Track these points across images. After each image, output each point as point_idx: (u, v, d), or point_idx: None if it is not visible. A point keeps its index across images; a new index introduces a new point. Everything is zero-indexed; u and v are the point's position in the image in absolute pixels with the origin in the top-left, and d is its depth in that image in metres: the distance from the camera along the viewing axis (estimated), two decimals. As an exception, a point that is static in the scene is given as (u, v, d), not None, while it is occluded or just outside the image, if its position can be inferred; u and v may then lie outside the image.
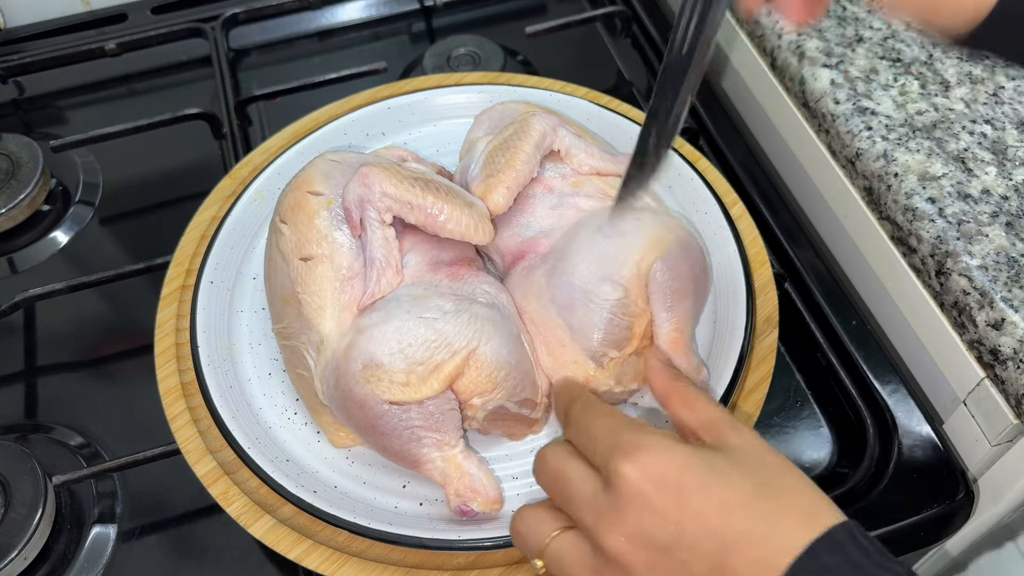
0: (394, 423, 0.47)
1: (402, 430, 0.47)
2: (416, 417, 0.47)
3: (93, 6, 0.90)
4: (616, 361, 0.51)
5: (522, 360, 0.50)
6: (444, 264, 0.53)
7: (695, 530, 0.35)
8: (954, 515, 0.55)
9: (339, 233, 0.52)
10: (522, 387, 0.50)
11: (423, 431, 0.48)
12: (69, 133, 0.77)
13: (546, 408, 0.52)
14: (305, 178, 0.55)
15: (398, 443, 0.48)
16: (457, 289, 0.51)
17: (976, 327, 0.54)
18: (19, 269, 0.71)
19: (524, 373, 0.50)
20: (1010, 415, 0.53)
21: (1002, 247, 0.55)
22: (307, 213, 0.53)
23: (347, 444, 0.52)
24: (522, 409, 0.50)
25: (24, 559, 0.52)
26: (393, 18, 0.90)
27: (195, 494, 0.52)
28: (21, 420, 0.62)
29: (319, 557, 0.48)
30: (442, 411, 0.48)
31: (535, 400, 0.51)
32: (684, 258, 0.52)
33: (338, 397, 0.49)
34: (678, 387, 0.43)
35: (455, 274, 0.53)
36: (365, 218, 0.51)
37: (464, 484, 0.48)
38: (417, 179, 0.51)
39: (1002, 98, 0.63)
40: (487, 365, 0.48)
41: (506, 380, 0.49)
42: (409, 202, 0.50)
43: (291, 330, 0.52)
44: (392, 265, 0.51)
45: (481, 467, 0.49)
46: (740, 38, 0.76)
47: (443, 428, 0.48)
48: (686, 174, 0.63)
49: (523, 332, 0.52)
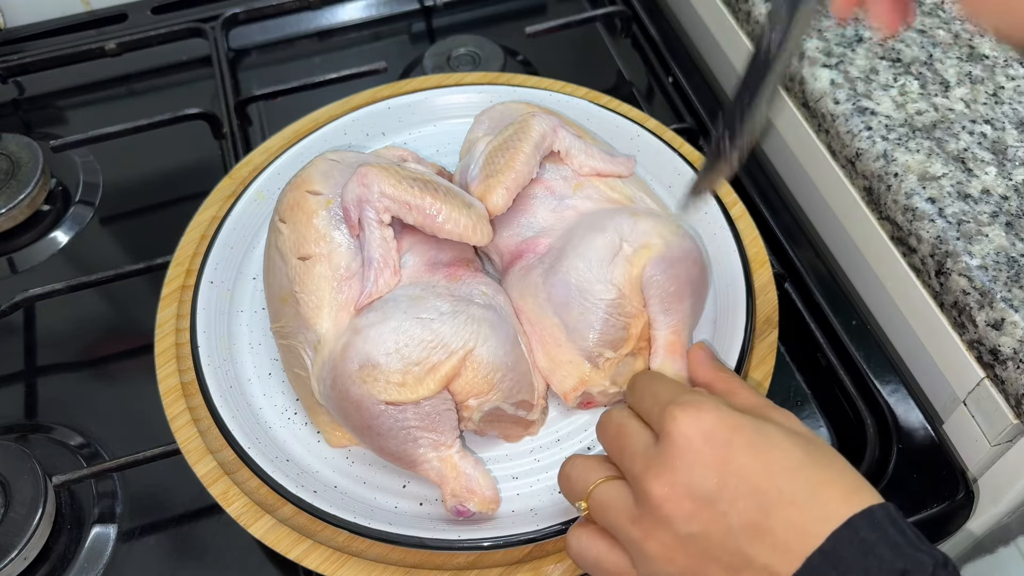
0: (390, 423, 0.47)
1: (398, 430, 0.47)
2: (412, 417, 0.47)
3: (93, 6, 0.90)
4: (612, 361, 0.51)
5: (519, 362, 0.50)
6: (442, 265, 0.53)
7: (738, 485, 0.36)
8: (954, 515, 0.55)
9: (337, 233, 0.52)
10: (518, 389, 0.50)
11: (419, 431, 0.48)
12: (69, 133, 0.77)
13: (543, 410, 0.52)
14: (304, 177, 0.55)
15: (394, 443, 0.48)
16: (455, 290, 0.51)
17: (976, 327, 0.54)
18: (19, 269, 0.71)
19: (521, 375, 0.50)
20: (1010, 415, 0.53)
21: (1002, 247, 0.55)
22: (306, 212, 0.53)
23: (344, 444, 0.52)
24: (518, 411, 0.50)
25: (24, 559, 0.52)
26: (393, 18, 0.90)
27: (195, 494, 0.52)
28: (21, 420, 0.62)
29: (319, 557, 0.48)
30: (438, 411, 0.48)
31: (531, 402, 0.51)
32: (682, 261, 0.52)
33: (335, 397, 0.49)
34: (720, 376, 0.45)
35: (453, 275, 0.53)
36: (363, 218, 0.51)
37: (460, 484, 0.48)
38: (416, 179, 0.51)
39: (1002, 98, 0.63)
40: (483, 367, 0.48)
41: (502, 382, 0.49)
42: (407, 202, 0.50)
43: (288, 329, 0.52)
44: (390, 265, 0.51)
45: (477, 467, 0.49)
46: (740, 38, 0.76)
47: (439, 428, 0.48)
48: (686, 174, 0.63)
49: (520, 333, 0.52)
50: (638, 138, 0.66)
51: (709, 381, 0.45)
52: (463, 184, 0.58)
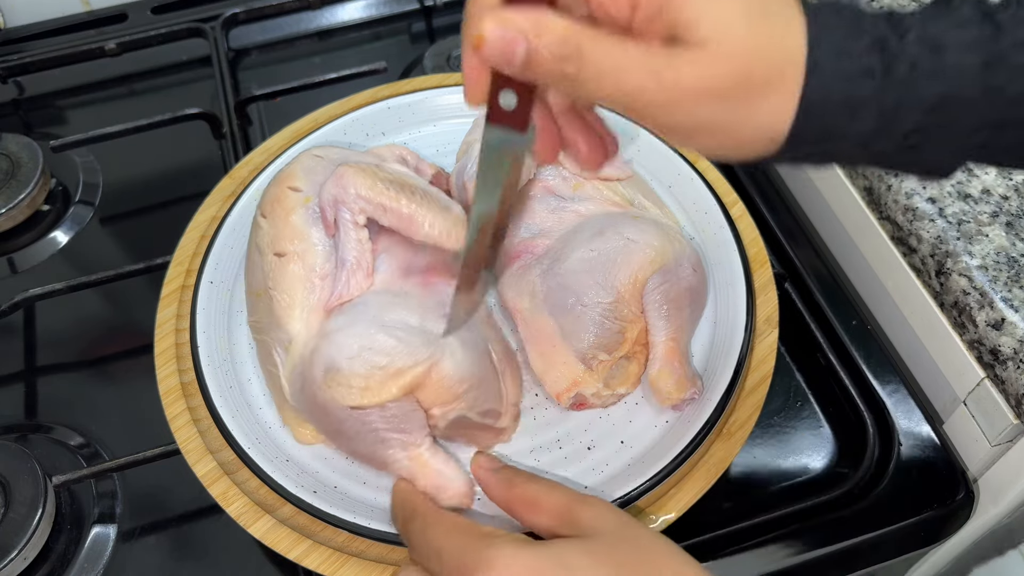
0: (357, 427, 0.47)
1: (366, 433, 0.47)
2: (378, 420, 0.47)
3: (93, 6, 0.90)
4: (605, 364, 0.51)
5: (486, 373, 0.49)
6: (417, 270, 0.52)
7: None
8: (954, 515, 0.55)
9: (314, 231, 0.52)
10: (484, 399, 0.49)
11: (387, 432, 0.47)
12: (69, 133, 0.77)
13: (513, 417, 0.52)
14: (288, 173, 0.55)
15: (363, 446, 0.48)
16: (426, 299, 0.51)
17: (976, 327, 0.54)
18: (19, 269, 0.71)
19: (487, 386, 0.49)
20: (1010, 415, 0.53)
21: (1002, 247, 0.55)
22: (285, 209, 0.52)
23: (310, 441, 0.52)
24: (485, 419, 0.50)
25: (24, 559, 0.52)
26: (393, 18, 0.90)
27: (195, 494, 0.52)
28: (21, 420, 0.62)
29: (319, 557, 0.48)
30: (404, 412, 0.47)
31: (499, 410, 0.50)
32: (682, 269, 0.52)
33: (305, 401, 0.49)
34: (516, 493, 0.42)
35: (426, 282, 0.52)
36: (339, 218, 0.50)
37: (430, 481, 0.47)
38: (393, 181, 0.51)
39: (1002, 98, 0.63)
40: (447, 379, 0.47)
41: (468, 393, 0.48)
42: (382, 204, 0.50)
43: (262, 325, 0.52)
44: (363, 267, 0.50)
45: (448, 462, 0.48)
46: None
47: (407, 429, 0.47)
48: (686, 174, 0.63)
49: (492, 342, 0.51)
50: (638, 138, 0.66)
51: (508, 502, 0.43)
52: (460, 184, 0.58)
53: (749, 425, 0.52)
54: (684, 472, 0.50)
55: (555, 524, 0.40)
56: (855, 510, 0.53)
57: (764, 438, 0.58)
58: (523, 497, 0.42)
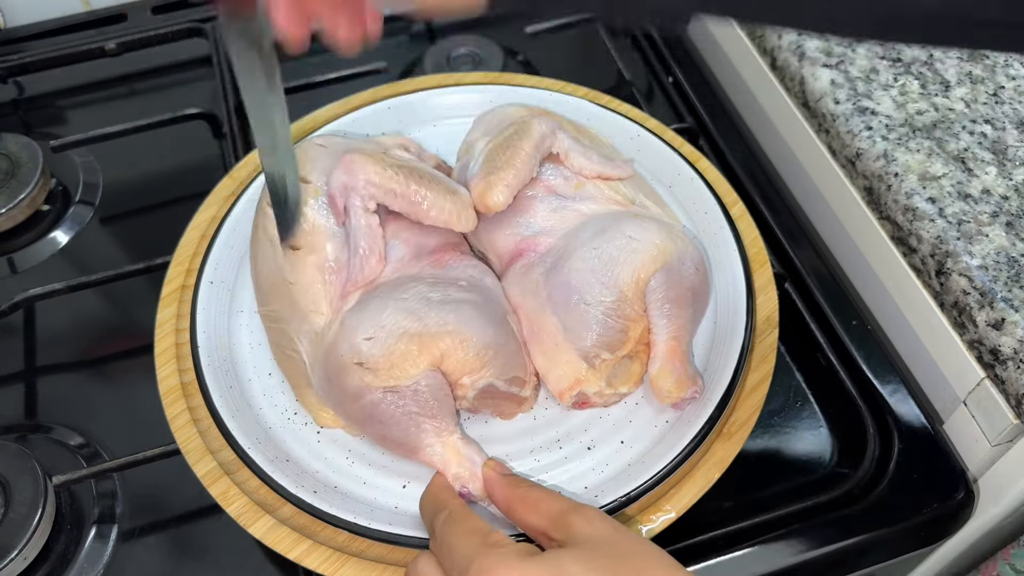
0: (391, 411, 0.48)
1: (400, 416, 0.48)
2: (411, 402, 0.48)
3: (93, 6, 0.89)
4: (608, 363, 0.51)
5: (508, 340, 0.51)
6: (428, 251, 0.54)
7: None
8: (954, 515, 0.55)
9: (326, 222, 0.52)
10: (511, 366, 0.50)
11: (420, 417, 0.48)
12: (69, 133, 0.77)
13: (535, 387, 0.53)
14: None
15: (397, 430, 0.48)
16: (440, 276, 0.52)
17: (976, 327, 0.54)
18: (19, 269, 0.71)
19: (511, 352, 0.50)
20: (1010, 415, 0.53)
21: (1002, 247, 0.55)
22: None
23: (331, 425, 0.53)
24: (511, 387, 0.51)
25: (24, 559, 0.52)
26: (393, 18, 0.90)
27: (195, 494, 0.52)
28: (21, 420, 0.61)
29: (319, 557, 0.48)
30: (435, 396, 0.48)
31: (524, 378, 0.51)
32: (685, 267, 0.52)
33: (334, 393, 0.49)
34: (518, 494, 0.44)
35: (439, 261, 0.53)
36: (349, 206, 0.51)
37: (464, 468, 0.48)
38: (401, 167, 0.52)
39: (1002, 98, 0.63)
40: (472, 345, 0.48)
41: (495, 359, 0.49)
42: (392, 190, 0.51)
43: (280, 315, 0.53)
44: (375, 252, 0.51)
45: (480, 454, 0.49)
46: (740, 37, 0.76)
47: (439, 415, 0.48)
48: (686, 174, 0.63)
49: (510, 314, 0.52)
50: (638, 138, 0.66)
51: (508, 503, 0.45)
52: (462, 184, 0.58)
53: (749, 425, 0.52)
54: (684, 472, 0.50)
55: (547, 526, 0.41)
56: (855, 510, 0.53)
57: (764, 438, 0.58)
58: (524, 498, 0.44)
